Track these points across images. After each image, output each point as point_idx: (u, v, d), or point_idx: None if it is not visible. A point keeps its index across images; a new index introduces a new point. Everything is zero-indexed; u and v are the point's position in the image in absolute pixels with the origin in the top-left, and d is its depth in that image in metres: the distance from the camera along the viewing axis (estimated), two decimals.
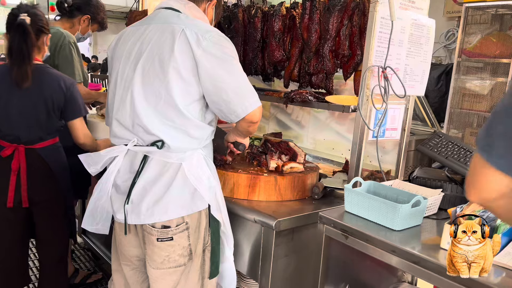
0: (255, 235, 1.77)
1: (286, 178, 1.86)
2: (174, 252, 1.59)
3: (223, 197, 1.71)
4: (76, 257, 3.38)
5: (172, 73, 1.47)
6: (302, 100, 2.07)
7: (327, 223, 1.56)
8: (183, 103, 1.50)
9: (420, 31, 1.98)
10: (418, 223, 1.52)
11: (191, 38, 1.47)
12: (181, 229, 1.57)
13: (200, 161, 1.59)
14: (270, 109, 3.10)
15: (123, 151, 1.60)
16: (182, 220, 1.57)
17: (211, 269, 1.69)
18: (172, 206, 1.55)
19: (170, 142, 1.53)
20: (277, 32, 2.25)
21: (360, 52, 2.00)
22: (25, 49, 1.98)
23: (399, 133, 2.08)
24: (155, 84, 1.50)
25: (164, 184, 1.55)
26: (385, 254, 1.38)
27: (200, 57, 1.47)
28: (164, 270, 1.60)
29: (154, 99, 1.51)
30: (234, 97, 1.51)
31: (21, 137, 2.06)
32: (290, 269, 1.79)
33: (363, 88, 1.82)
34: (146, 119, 1.52)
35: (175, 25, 1.51)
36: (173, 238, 1.57)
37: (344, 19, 2.01)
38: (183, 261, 1.61)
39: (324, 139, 2.78)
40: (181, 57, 1.47)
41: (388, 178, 2.06)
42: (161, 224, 1.56)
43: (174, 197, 1.55)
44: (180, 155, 1.55)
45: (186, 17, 1.58)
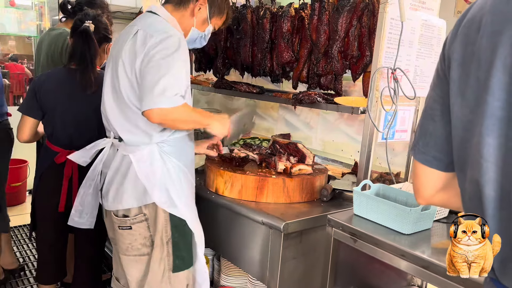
0: (263, 237, 1.76)
1: (294, 180, 1.85)
2: (136, 241, 1.69)
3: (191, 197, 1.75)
4: None
5: (120, 70, 1.60)
6: (311, 102, 2.05)
7: (336, 226, 1.55)
8: (130, 98, 1.60)
9: (430, 31, 1.96)
10: (428, 227, 1.50)
11: (140, 37, 1.56)
12: (139, 220, 1.66)
13: (152, 157, 1.64)
14: (278, 110, 3.09)
15: (108, 143, 1.77)
16: (140, 211, 1.66)
17: (175, 262, 1.70)
18: (126, 196, 1.66)
19: (124, 135, 1.67)
20: (285, 33, 2.24)
21: (369, 53, 1.98)
22: (88, 55, 2.01)
23: (409, 134, 2.06)
24: (114, 82, 1.64)
25: (122, 175, 1.68)
26: (394, 258, 1.37)
27: (139, 54, 1.54)
28: (130, 257, 1.72)
29: (115, 95, 1.65)
30: (146, 90, 1.51)
31: (74, 143, 2.05)
32: (298, 271, 1.78)
33: (372, 89, 1.80)
34: (111, 114, 1.68)
35: (135, 27, 1.62)
36: (132, 227, 1.67)
37: (353, 20, 1.99)
38: (146, 251, 1.70)
39: (333, 141, 2.77)
40: (127, 55, 1.58)
41: (398, 180, 2.04)
42: (122, 213, 1.68)
43: (128, 188, 1.65)
44: (133, 149, 1.65)
45: (152, 20, 1.64)
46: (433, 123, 0.96)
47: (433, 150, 0.97)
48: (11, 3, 4.96)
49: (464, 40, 0.86)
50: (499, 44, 0.78)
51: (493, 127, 0.79)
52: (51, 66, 2.57)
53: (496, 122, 0.79)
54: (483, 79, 0.80)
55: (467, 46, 0.85)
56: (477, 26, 0.83)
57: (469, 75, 0.84)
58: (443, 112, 0.94)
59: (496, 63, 0.78)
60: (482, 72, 0.80)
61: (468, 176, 0.87)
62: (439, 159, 0.96)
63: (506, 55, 0.77)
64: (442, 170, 0.97)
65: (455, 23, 0.91)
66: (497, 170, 0.80)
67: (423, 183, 1.00)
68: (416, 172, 1.01)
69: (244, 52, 2.49)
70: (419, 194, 1.02)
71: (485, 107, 0.79)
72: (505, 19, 0.78)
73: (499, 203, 0.81)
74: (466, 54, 0.85)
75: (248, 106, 3.28)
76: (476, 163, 0.83)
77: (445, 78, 0.93)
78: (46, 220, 2.18)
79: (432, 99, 0.97)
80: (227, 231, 1.95)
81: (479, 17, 0.83)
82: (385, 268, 1.82)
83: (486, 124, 0.79)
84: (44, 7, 5.08)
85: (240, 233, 1.87)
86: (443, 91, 0.93)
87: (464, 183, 0.90)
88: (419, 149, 0.99)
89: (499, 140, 0.79)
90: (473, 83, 0.83)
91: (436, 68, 0.97)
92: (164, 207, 1.64)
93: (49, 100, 2.04)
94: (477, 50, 0.82)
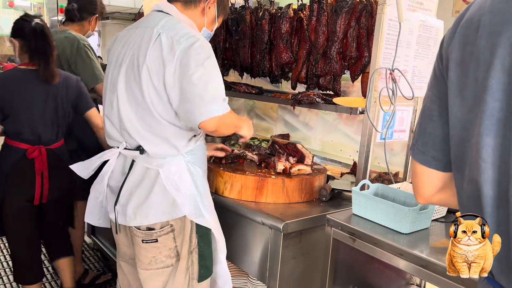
0: (263, 237, 1.77)
1: (293, 180, 1.86)
2: (160, 254, 1.61)
3: (211, 203, 1.69)
4: (86, 258, 3.40)
5: (144, 79, 1.47)
6: (310, 102, 2.06)
7: (335, 226, 1.56)
8: (156, 109, 1.50)
9: (428, 32, 1.97)
10: (426, 226, 1.51)
11: (165, 43, 1.46)
12: (166, 232, 1.59)
13: (180, 169, 1.57)
14: (277, 110, 3.11)
15: (115, 155, 1.64)
16: (167, 222, 1.58)
17: (200, 272, 1.68)
18: (152, 211, 1.57)
19: (148, 147, 1.55)
20: (284, 34, 2.25)
21: (367, 54, 1.99)
22: (49, 49, 2.13)
23: (407, 134, 2.07)
24: (134, 89, 1.51)
25: (146, 189, 1.57)
26: (393, 257, 1.38)
27: (168, 63, 1.44)
28: (152, 271, 1.63)
29: (134, 104, 1.52)
30: (196, 100, 1.44)
31: (42, 138, 2.18)
32: (297, 271, 1.80)
33: (370, 90, 1.82)
34: (129, 123, 1.54)
35: (154, 29, 1.51)
36: (158, 240, 1.59)
37: (352, 21, 2.00)
38: (171, 262, 1.63)
39: (331, 141, 2.78)
40: (152, 63, 1.46)
41: (397, 179, 2.06)
42: (146, 226, 1.59)
43: (155, 203, 1.56)
44: (159, 161, 1.56)
45: (167, 21, 1.54)
46: (431, 123, 0.97)
47: (431, 150, 0.97)
48: (9, 4, 4.97)
49: (462, 40, 0.86)
50: (498, 44, 0.77)
51: (492, 127, 0.79)
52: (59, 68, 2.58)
53: (495, 123, 0.79)
54: (481, 80, 0.80)
55: (465, 46, 0.85)
56: (476, 26, 0.83)
57: (468, 75, 0.84)
58: (440, 112, 0.94)
59: (495, 63, 0.77)
60: (481, 72, 0.80)
61: (466, 176, 0.88)
62: (437, 159, 0.97)
63: (505, 55, 0.76)
64: (440, 170, 0.98)
65: (453, 23, 0.91)
66: (496, 170, 0.80)
67: (423, 183, 1.01)
68: (415, 171, 1.02)
69: (243, 53, 2.50)
70: (419, 193, 1.03)
71: (484, 107, 0.79)
72: (504, 20, 0.78)
73: (497, 201, 0.82)
74: (464, 54, 0.85)
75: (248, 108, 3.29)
76: (474, 163, 0.83)
77: (442, 78, 0.93)
78: (18, 217, 2.24)
79: (430, 99, 0.97)
80: (226, 231, 1.96)
81: (478, 17, 0.83)
82: (384, 267, 1.84)
83: (485, 124, 0.79)
84: (42, 8, 5.08)
85: (240, 233, 1.88)
86: (440, 91, 0.94)
87: (462, 183, 0.90)
88: (418, 149, 1.00)
89: (497, 140, 0.79)
90: (472, 83, 0.83)
91: (433, 68, 0.97)
92: (193, 218, 1.60)
93: (11, 101, 2.11)
94: (476, 50, 0.82)
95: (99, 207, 1.78)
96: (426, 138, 0.98)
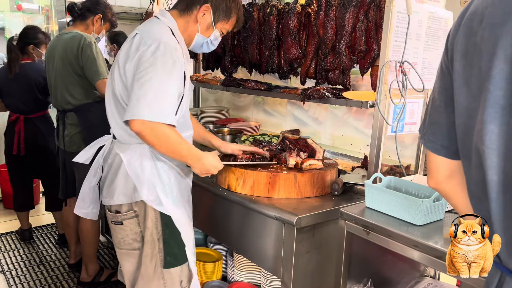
0: (276, 232, 1.78)
1: (305, 175, 1.87)
2: (127, 236, 1.75)
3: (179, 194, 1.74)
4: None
5: (116, 72, 1.67)
6: (320, 97, 2.07)
7: (348, 219, 1.57)
8: (122, 97, 1.65)
9: (437, 24, 1.97)
10: (440, 218, 1.52)
11: (135, 42, 1.62)
12: (130, 216, 1.72)
13: (142, 157, 1.66)
14: (286, 106, 3.11)
15: (108, 140, 1.84)
16: (131, 207, 1.71)
17: (166, 259, 1.73)
18: (116, 192, 1.72)
19: (116, 133, 1.73)
20: (292, 30, 2.26)
21: (376, 47, 1.99)
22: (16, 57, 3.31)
23: (418, 127, 2.06)
24: (112, 80, 1.70)
25: (114, 172, 1.73)
26: (407, 249, 1.39)
27: (130, 59, 1.59)
28: (122, 251, 1.78)
29: (112, 94, 1.70)
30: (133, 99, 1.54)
31: (21, 110, 3.34)
32: (311, 265, 1.81)
33: (380, 83, 1.82)
34: (109, 112, 1.74)
35: (136, 31, 1.68)
36: (123, 223, 1.73)
37: (360, 15, 2.00)
38: (137, 246, 1.75)
39: (342, 135, 2.78)
40: (122, 57, 1.65)
41: (408, 172, 2.06)
42: (115, 209, 1.75)
43: (119, 185, 1.71)
44: (124, 147, 1.69)
45: (150, 25, 1.70)
46: (439, 113, 1.02)
47: (440, 138, 1.02)
48: (18, 7, 5.01)
49: (467, 32, 0.89)
50: (500, 35, 0.81)
51: (495, 115, 0.82)
52: (67, 68, 2.63)
53: (499, 110, 0.82)
54: (485, 69, 0.83)
55: (470, 38, 0.88)
56: (479, 18, 0.86)
57: (473, 66, 0.87)
58: (446, 103, 0.99)
59: (498, 53, 0.80)
60: (484, 62, 0.83)
61: (473, 162, 0.91)
62: (446, 147, 1.01)
63: (507, 46, 0.80)
64: (450, 158, 1.02)
65: (458, 15, 0.95)
66: (501, 156, 0.83)
67: (436, 168, 1.07)
68: (428, 157, 1.08)
69: (252, 49, 2.51)
70: (432, 176, 1.08)
71: (487, 95, 0.83)
72: (506, 11, 0.81)
73: (502, 187, 0.85)
74: (469, 45, 0.88)
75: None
76: (479, 149, 0.87)
77: (448, 72, 0.96)
78: (10, 162, 3.51)
79: (437, 91, 1.02)
80: (240, 227, 1.98)
81: (482, 9, 0.86)
82: (398, 259, 1.84)
83: (488, 112, 0.83)
84: (50, 10, 5.12)
85: (253, 229, 1.90)
86: (446, 83, 0.98)
87: (470, 170, 0.94)
88: (428, 138, 1.05)
89: (501, 127, 0.82)
90: (476, 72, 0.86)
91: (440, 60, 1.01)
92: (152, 204, 1.66)
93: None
94: (480, 41, 0.85)
95: (92, 191, 1.91)
96: (435, 128, 1.03)
